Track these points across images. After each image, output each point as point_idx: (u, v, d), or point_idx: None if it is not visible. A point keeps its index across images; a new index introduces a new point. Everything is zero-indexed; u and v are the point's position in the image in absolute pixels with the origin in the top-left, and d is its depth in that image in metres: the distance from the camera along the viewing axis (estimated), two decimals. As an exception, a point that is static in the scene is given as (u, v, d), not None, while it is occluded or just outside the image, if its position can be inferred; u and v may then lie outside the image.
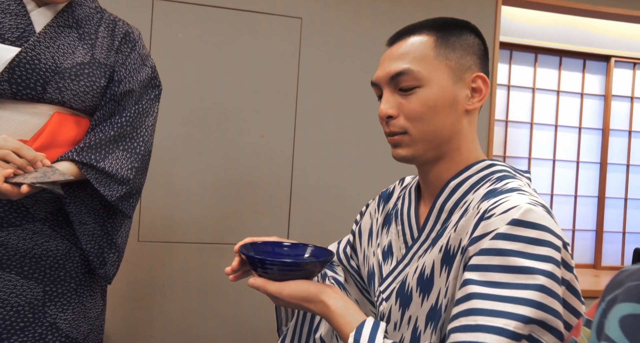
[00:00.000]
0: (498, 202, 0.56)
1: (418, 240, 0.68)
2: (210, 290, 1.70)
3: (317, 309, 0.61)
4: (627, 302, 0.34)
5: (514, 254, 0.51)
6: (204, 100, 1.69)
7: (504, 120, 2.35)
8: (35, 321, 0.93)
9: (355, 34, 1.84)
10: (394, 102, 0.66)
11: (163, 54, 1.64)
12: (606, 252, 2.47)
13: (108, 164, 0.95)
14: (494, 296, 0.50)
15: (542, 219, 0.53)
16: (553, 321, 0.49)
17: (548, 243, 0.52)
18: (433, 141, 0.65)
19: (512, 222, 0.52)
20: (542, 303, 0.49)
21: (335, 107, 1.82)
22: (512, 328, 0.48)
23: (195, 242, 1.69)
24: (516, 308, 0.49)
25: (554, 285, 0.50)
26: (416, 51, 0.65)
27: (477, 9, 1.94)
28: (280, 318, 0.86)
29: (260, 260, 0.62)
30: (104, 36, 1.00)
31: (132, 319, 1.64)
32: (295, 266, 0.63)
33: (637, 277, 0.35)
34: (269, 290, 0.62)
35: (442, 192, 0.66)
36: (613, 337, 0.34)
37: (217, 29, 1.70)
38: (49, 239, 0.95)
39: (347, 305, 0.61)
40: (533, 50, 2.36)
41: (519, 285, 0.50)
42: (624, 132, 2.50)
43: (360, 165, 1.84)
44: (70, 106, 0.94)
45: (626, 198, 2.49)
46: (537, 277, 0.50)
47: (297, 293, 0.61)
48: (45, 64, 0.91)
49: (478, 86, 0.66)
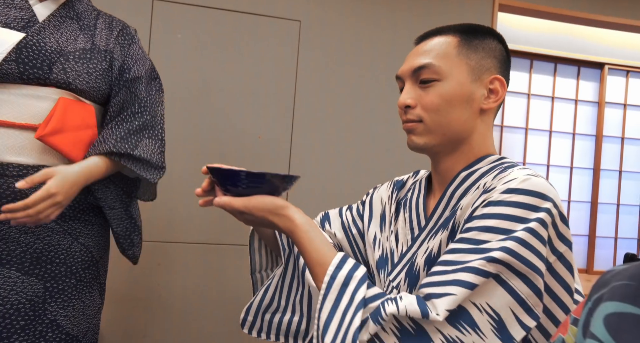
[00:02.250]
0: (501, 177, 0.60)
1: (427, 226, 0.70)
2: (206, 291, 1.70)
3: (281, 223, 0.64)
4: (611, 301, 0.36)
5: (502, 218, 0.55)
6: (202, 101, 1.70)
7: (500, 125, 2.37)
8: (36, 319, 0.92)
9: (353, 37, 1.85)
10: (413, 93, 0.70)
11: (162, 54, 1.65)
12: (598, 257, 2.49)
13: (142, 151, 1.01)
14: (470, 249, 0.55)
15: (536, 186, 0.56)
16: (522, 267, 0.52)
17: (533, 207, 0.55)
18: (446, 134, 0.68)
19: (506, 191, 0.57)
20: (513, 250, 0.53)
21: (333, 109, 1.83)
22: (477, 265, 0.53)
23: (193, 242, 1.69)
24: (484, 251, 0.53)
25: (533, 239, 0.53)
26: (440, 49, 0.69)
27: (473, 15, 1.97)
28: (254, 262, 0.88)
29: (229, 172, 0.64)
30: (102, 28, 1.05)
31: (126, 319, 1.64)
32: (261, 177, 0.64)
33: (622, 277, 0.37)
34: (234, 205, 0.63)
35: (453, 182, 0.69)
36: (598, 335, 0.35)
37: (216, 30, 1.71)
38: (51, 233, 0.95)
39: (311, 223, 0.65)
40: (529, 56, 2.39)
41: (496, 240, 0.54)
42: (617, 139, 2.53)
43: (358, 168, 1.85)
44: (75, 87, 0.96)
45: (618, 204, 2.52)
46: (515, 231, 0.54)
47: (263, 205, 0.63)
48: (51, 46, 0.94)
49: (495, 87, 0.69)
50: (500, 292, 0.52)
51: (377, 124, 1.86)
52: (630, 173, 2.55)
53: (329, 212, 0.91)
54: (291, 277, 0.81)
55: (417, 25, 1.91)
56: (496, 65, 0.70)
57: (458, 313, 0.52)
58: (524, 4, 2.08)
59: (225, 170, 0.64)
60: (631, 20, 2.22)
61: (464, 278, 0.53)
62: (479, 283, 0.52)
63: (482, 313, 0.52)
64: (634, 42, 2.46)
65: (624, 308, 0.35)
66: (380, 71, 1.88)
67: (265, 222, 0.65)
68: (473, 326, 0.52)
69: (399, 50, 1.89)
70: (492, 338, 0.52)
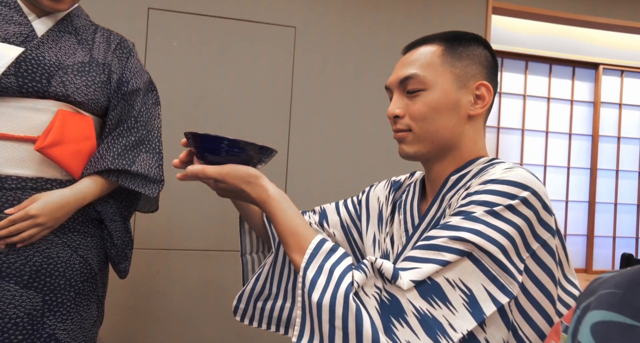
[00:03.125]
0: (483, 174, 0.63)
1: (418, 228, 0.72)
2: (205, 298, 1.70)
3: (253, 192, 0.65)
4: (598, 310, 0.36)
5: (475, 203, 0.58)
6: (199, 108, 1.71)
7: (496, 127, 2.38)
8: (34, 333, 0.92)
9: (348, 43, 1.86)
10: (401, 103, 0.71)
11: (158, 61, 1.66)
12: (597, 257, 2.50)
13: (139, 166, 1.02)
14: (441, 229, 0.58)
15: (516, 176, 0.59)
16: (492, 248, 0.54)
17: (510, 195, 0.57)
18: (435, 141, 0.70)
19: (484, 182, 0.60)
20: (481, 231, 0.55)
21: (328, 114, 1.84)
22: (441, 242, 0.56)
23: (192, 249, 1.70)
24: (454, 233, 0.56)
25: (500, 223, 0.56)
26: (425, 59, 0.70)
27: (467, 18, 1.98)
28: (244, 244, 0.89)
29: (207, 137, 0.64)
30: (100, 42, 1.06)
31: (126, 326, 1.64)
32: (236, 143, 0.65)
33: (608, 285, 0.37)
34: (207, 173, 0.64)
35: (445, 185, 0.70)
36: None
37: (212, 37, 1.72)
38: (51, 246, 0.95)
39: (284, 195, 0.66)
40: (524, 57, 2.40)
41: (465, 213, 0.57)
42: (613, 138, 2.54)
43: (353, 171, 1.86)
44: (74, 99, 0.97)
45: (616, 203, 2.53)
46: (482, 213, 0.56)
47: (236, 173, 0.64)
48: (50, 60, 0.95)
49: (481, 93, 0.70)
50: (472, 268, 0.54)
51: (373, 127, 1.87)
52: (627, 172, 2.56)
53: (326, 209, 0.92)
54: (281, 265, 0.82)
55: (412, 29, 1.92)
56: (482, 71, 0.71)
57: (431, 287, 0.54)
58: (517, 7, 2.09)
59: (204, 135, 0.64)
60: (624, 21, 2.23)
61: (434, 257, 0.55)
62: (451, 260, 0.54)
63: (454, 289, 0.54)
64: (627, 42, 2.48)
65: (610, 316, 0.35)
66: (375, 75, 1.89)
67: (237, 190, 0.66)
68: (444, 300, 0.54)
69: (394, 55, 1.90)
70: (463, 313, 0.53)
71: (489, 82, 0.71)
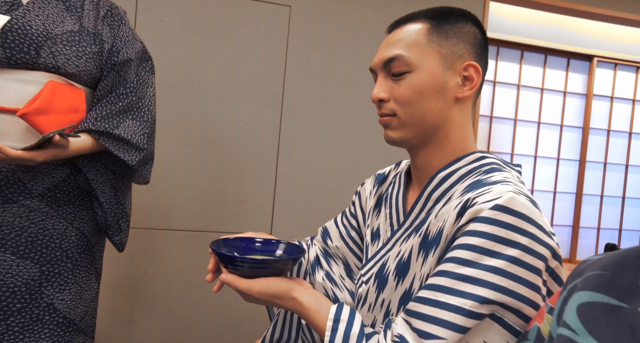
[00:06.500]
0: (482, 192, 0.57)
1: (402, 226, 0.70)
2: (192, 277, 1.70)
3: (288, 305, 0.62)
4: (585, 291, 0.36)
5: (489, 237, 0.53)
6: (189, 86, 1.68)
7: (489, 116, 2.38)
8: (32, 302, 0.93)
9: (343, 23, 1.83)
10: (386, 86, 0.68)
11: (148, 36, 1.62)
12: (581, 247, 2.55)
13: (122, 130, 1.00)
14: (458, 275, 0.53)
15: (522, 207, 0.54)
16: (514, 303, 0.51)
17: (521, 230, 0.53)
18: (420, 126, 0.66)
19: (495, 207, 0.54)
20: (501, 285, 0.51)
21: (322, 96, 1.82)
22: (469, 307, 0.51)
23: (178, 229, 1.69)
24: (475, 289, 0.51)
25: (519, 270, 0.52)
26: (409, 38, 0.66)
27: (465, 4, 1.95)
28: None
29: (230, 258, 0.62)
30: (90, 9, 1.03)
31: (113, 305, 1.63)
32: (265, 264, 0.63)
33: (596, 267, 0.37)
34: (239, 286, 0.61)
35: (431, 182, 0.67)
36: (570, 323, 0.36)
37: (204, 13, 1.68)
38: (46, 217, 0.95)
39: (319, 300, 0.62)
40: (519, 47, 2.39)
41: (483, 266, 0.52)
42: (603, 131, 2.56)
43: (346, 155, 1.85)
44: (65, 71, 0.95)
45: (602, 195, 2.57)
46: (501, 262, 0.52)
47: (267, 290, 0.61)
48: (37, 30, 0.92)
49: (470, 74, 0.66)
50: (495, 327, 0.52)
51: (367, 110, 1.86)
52: (614, 165, 2.59)
53: (327, 226, 0.90)
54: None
55: (409, 10, 1.89)
56: (470, 50, 0.66)
57: None
58: (516, -6, 2.07)
59: (225, 256, 0.62)
60: (620, 13, 2.23)
61: (455, 321, 0.51)
62: (471, 326, 0.51)
63: None
64: (622, 34, 2.48)
65: (596, 297, 0.35)
66: (370, 57, 1.86)
67: (271, 304, 0.64)
68: None
69: (390, 39, 1.88)
70: None
71: (477, 62, 0.66)
